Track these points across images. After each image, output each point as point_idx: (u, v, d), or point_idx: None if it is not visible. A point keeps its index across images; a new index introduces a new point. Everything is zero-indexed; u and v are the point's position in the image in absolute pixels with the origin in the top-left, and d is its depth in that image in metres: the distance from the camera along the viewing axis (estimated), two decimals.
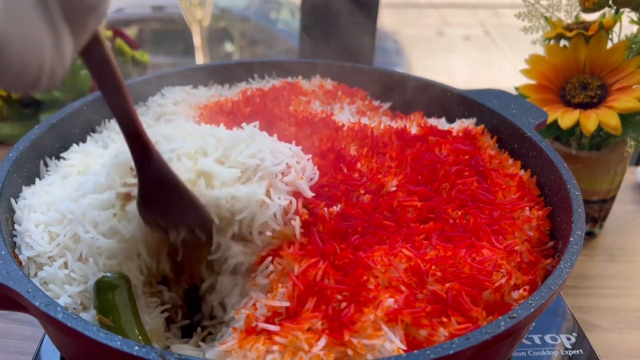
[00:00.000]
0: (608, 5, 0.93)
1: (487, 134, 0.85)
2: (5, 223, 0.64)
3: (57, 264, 0.60)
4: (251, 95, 0.92)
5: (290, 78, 1.01)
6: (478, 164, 0.73)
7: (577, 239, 0.59)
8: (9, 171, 0.67)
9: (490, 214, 0.66)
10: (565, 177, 0.68)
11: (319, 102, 0.92)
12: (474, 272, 0.56)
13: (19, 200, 0.68)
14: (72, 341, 0.52)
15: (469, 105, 0.90)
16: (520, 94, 0.99)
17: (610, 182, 1.00)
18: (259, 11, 2.78)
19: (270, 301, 0.55)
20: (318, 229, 0.60)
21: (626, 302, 0.91)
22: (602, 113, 0.91)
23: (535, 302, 0.51)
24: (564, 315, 0.80)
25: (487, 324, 0.49)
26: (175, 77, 0.97)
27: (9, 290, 0.51)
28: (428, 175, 0.70)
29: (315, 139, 0.76)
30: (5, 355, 0.76)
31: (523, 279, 0.58)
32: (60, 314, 0.47)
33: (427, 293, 0.55)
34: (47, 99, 1.14)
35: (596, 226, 1.06)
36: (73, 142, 0.81)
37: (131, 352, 0.44)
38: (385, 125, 0.82)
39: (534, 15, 1.01)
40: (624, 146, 0.97)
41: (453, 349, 0.45)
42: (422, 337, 0.52)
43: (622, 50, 0.92)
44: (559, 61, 0.96)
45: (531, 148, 0.77)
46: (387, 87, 0.99)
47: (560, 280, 0.54)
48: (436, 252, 0.59)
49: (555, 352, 0.74)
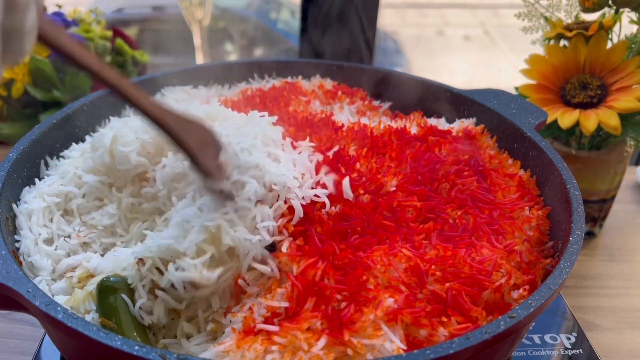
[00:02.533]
0: (608, 5, 0.93)
1: (486, 133, 0.85)
2: (5, 223, 0.64)
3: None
4: (251, 95, 0.92)
5: (290, 78, 1.01)
6: (478, 163, 0.74)
7: (577, 238, 0.59)
8: (9, 171, 0.67)
9: (490, 213, 0.66)
10: (565, 177, 0.68)
11: (319, 102, 0.92)
12: (474, 271, 0.56)
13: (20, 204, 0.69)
14: (72, 341, 0.52)
15: (468, 105, 0.90)
16: (520, 93, 0.99)
17: (610, 182, 1.00)
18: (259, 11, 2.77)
19: (268, 301, 0.55)
20: (316, 230, 0.60)
21: (626, 302, 0.91)
22: (602, 113, 0.91)
23: (535, 302, 0.51)
24: (563, 315, 0.80)
25: (487, 324, 0.49)
26: (175, 77, 0.97)
27: (9, 290, 0.51)
28: (428, 175, 0.70)
29: (315, 139, 0.76)
30: (5, 355, 0.76)
31: (523, 279, 0.58)
32: (61, 314, 0.47)
33: (427, 293, 0.55)
34: (47, 99, 1.14)
35: (596, 226, 1.06)
36: (73, 142, 0.81)
37: (131, 351, 0.44)
38: (385, 125, 0.82)
39: (534, 15, 1.01)
40: (624, 146, 0.97)
41: (453, 349, 0.45)
42: (422, 336, 0.52)
43: (622, 50, 0.92)
44: (559, 61, 0.96)
45: (531, 148, 0.77)
46: (387, 87, 0.99)
47: (560, 279, 0.54)
48: (436, 252, 0.59)
49: (555, 351, 0.74)
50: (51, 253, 0.65)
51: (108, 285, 0.58)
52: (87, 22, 1.26)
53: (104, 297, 0.57)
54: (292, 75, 1.01)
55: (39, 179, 0.74)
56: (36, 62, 1.10)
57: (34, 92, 1.12)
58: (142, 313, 0.57)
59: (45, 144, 0.76)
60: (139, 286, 0.57)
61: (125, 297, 0.57)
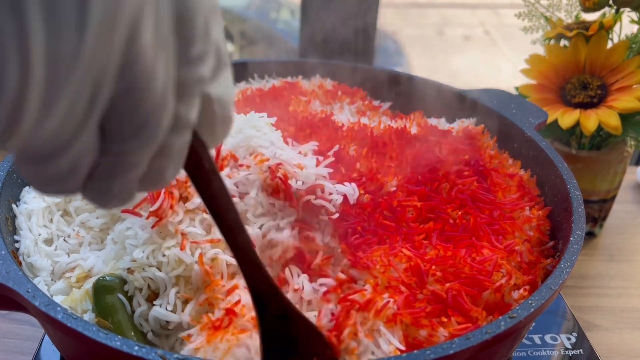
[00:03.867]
0: (608, 5, 0.93)
1: (487, 133, 0.85)
2: (5, 223, 0.64)
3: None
4: (251, 95, 0.92)
5: (290, 78, 1.01)
6: (478, 163, 0.73)
7: (577, 238, 0.59)
8: (9, 171, 0.67)
9: (490, 213, 0.66)
10: (565, 176, 0.68)
11: (319, 102, 0.92)
12: (474, 272, 0.56)
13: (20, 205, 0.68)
14: (72, 341, 0.52)
15: (468, 105, 0.90)
16: (521, 93, 0.99)
17: (610, 182, 1.00)
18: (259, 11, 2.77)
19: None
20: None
21: (626, 302, 0.91)
22: (602, 113, 0.91)
23: (535, 302, 0.51)
24: (564, 315, 0.80)
25: (488, 324, 0.49)
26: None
27: (8, 290, 0.51)
28: (428, 175, 0.70)
29: (315, 139, 0.76)
30: (5, 355, 0.76)
31: (523, 279, 0.58)
32: (60, 314, 0.47)
33: (427, 293, 0.55)
34: None
35: (596, 226, 1.05)
36: None
37: (131, 352, 0.44)
38: (385, 125, 0.82)
39: (534, 15, 1.01)
40: (624, 146, 0.97)
41: (453, 349, 0.45)
42: (422, 337, 0.52)
43: (622, 50, 0.92)
44: (559, 61, 0.96)
45: (531, 148, 0.77)
46: (387, 86, 0.99)
47: (560, 280, 0.54)
48: (436, 252, 0.59)
49: (555, 352, 0.74)
50: (51, 253, 0.65)
51: (104, 285, 0.57)
52: None
53: (100, 296, 0.57)
54: (292, 75, 1.01)
55: None
56: None
57: None
58: (141, 320, 0.57)
59: None
60: (137, 294, 0.57)
61: (121, 296, 0.57)
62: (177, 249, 0.56)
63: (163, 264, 0.57)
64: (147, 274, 0.57)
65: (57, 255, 0.65)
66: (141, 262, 0.57)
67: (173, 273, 0.56)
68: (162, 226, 0.58)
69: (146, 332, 0.57)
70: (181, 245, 0.56)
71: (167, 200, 0.58)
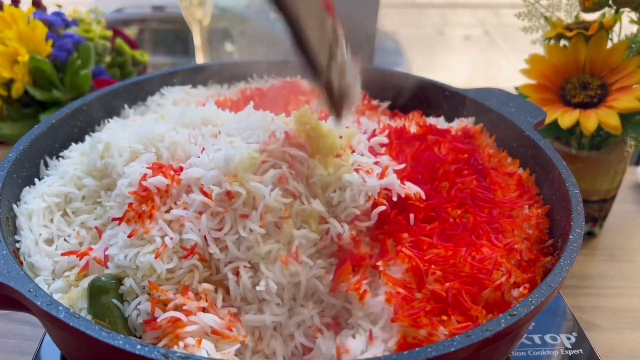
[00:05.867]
0: (608, 5, 0.93)
1: (485, 132, 0.85)
2: (6, 223, 0.64)
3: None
4: (250, 94, 0.92)
5: (289, 78, 1.01)
6: (477, 162, 0.74)
7: (577, 236, 0.59)
8: (9, 171, 0.67)
9: (489, 212, 0.66)
10: (564, 175, 0.68)
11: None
12: (474, 270, 0.56)
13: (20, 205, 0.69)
14: (74, 340, 0.52)
15: (467, 104, 0.90)
16: (520, 93, 0.99)
17: (610, 181, 1.00)
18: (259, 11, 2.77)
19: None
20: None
21: (626, 302, 0.91)
22: (602, 113, 0.91)
23: (535, 300, 0.51)
24: (564, 315, 0.80)
25: (488, 322, 0.49)
26: (175, 76, 0.97)
27: (10, 290, 0.51)
28: (427, 174, 0.70)
29: None
30: (5, 355, 0.76)
31: (523, 277, 0.58)
32: (62, 314, 0.47)
33: (426, 292, 0.55)
34: (47, 99, 1.14)
35: (596, 226, 1.06)
36: (73, 142, 0.81)
37: (133, 350, 0.44)
38: (384, 124, 0.82)
39: (534, 15, 1.01)
40: (624, 146, 0.97)
41: (454, 347, 0.46)
42: (422, 336, 0.52)
43: (622, 50, 0.92)
44: (559, 61, 0.96)
45: (530, 146, 0.77)
46: (386, 86, 0.99)
47: (560, 277, 0.54)
48: (436, 251, 0.59)
49: (555, 351, 0.74)
50: (51, 253, 0.65)
51: (99, 286, 0.57)
52: (87, 22, 1.26)
53: (95, 297, 0.57)
54: (292, 75, 1.01)
55: (39, 179, 0.74)
56: (36, 62, 1.10)
57: (33, 92, 1.12)
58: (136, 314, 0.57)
59: (44, 144, 0.76)
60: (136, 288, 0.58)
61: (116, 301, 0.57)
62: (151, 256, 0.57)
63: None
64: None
65: (58, 255, 0.65)
66: (123, 265, 0.58)
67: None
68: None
69: (139, 336, 0.57)
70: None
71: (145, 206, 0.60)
